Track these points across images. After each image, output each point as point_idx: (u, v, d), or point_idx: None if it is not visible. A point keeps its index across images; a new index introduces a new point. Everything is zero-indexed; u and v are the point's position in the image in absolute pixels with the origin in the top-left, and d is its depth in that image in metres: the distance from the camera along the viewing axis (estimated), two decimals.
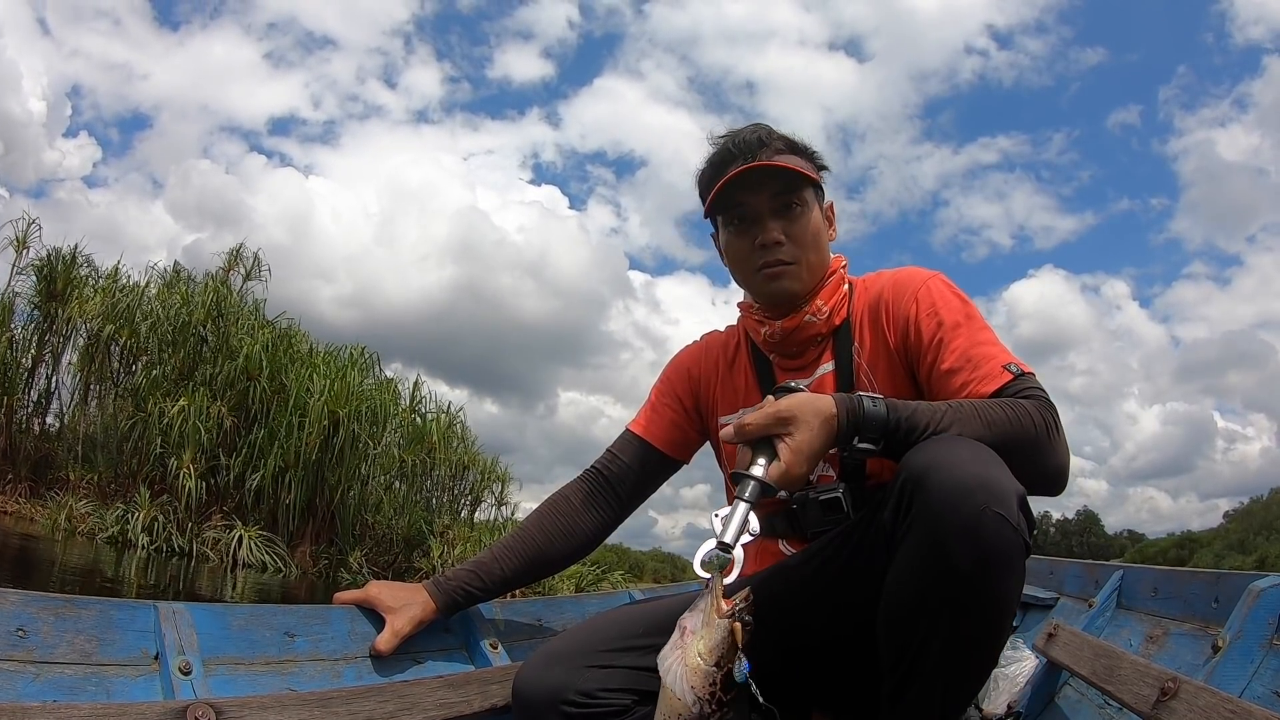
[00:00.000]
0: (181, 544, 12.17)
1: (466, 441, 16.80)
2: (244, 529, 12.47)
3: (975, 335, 1.26)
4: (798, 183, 1.36)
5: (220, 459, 13.23)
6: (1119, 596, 1.88)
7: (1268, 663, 1.24)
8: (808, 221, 1.37)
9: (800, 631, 1.25)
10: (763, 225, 1.36)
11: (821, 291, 1.39)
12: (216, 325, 14.41)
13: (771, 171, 1.35)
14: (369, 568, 13.55)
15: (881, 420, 1.10)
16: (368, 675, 1.34)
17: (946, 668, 1.02)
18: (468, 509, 16.70)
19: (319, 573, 13.07)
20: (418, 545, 14.51)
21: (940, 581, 0.98)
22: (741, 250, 1.39)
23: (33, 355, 13.96)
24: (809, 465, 1.08)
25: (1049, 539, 73.47)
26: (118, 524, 11.96)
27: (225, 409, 13.40)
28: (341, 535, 13.76)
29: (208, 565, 11.94)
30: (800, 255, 1.36)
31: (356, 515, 14.09)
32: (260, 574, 11.91)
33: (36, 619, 1.09)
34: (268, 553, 12.49)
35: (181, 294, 14.59)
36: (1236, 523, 50.59)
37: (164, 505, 12.39)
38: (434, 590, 1.41)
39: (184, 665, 1.15)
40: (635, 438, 1.51)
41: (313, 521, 13.63)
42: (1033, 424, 1.13)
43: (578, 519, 1.47)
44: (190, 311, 14.20)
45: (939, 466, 1.01)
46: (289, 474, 13.26)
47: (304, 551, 13.34)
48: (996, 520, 0.96)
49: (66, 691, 1.07)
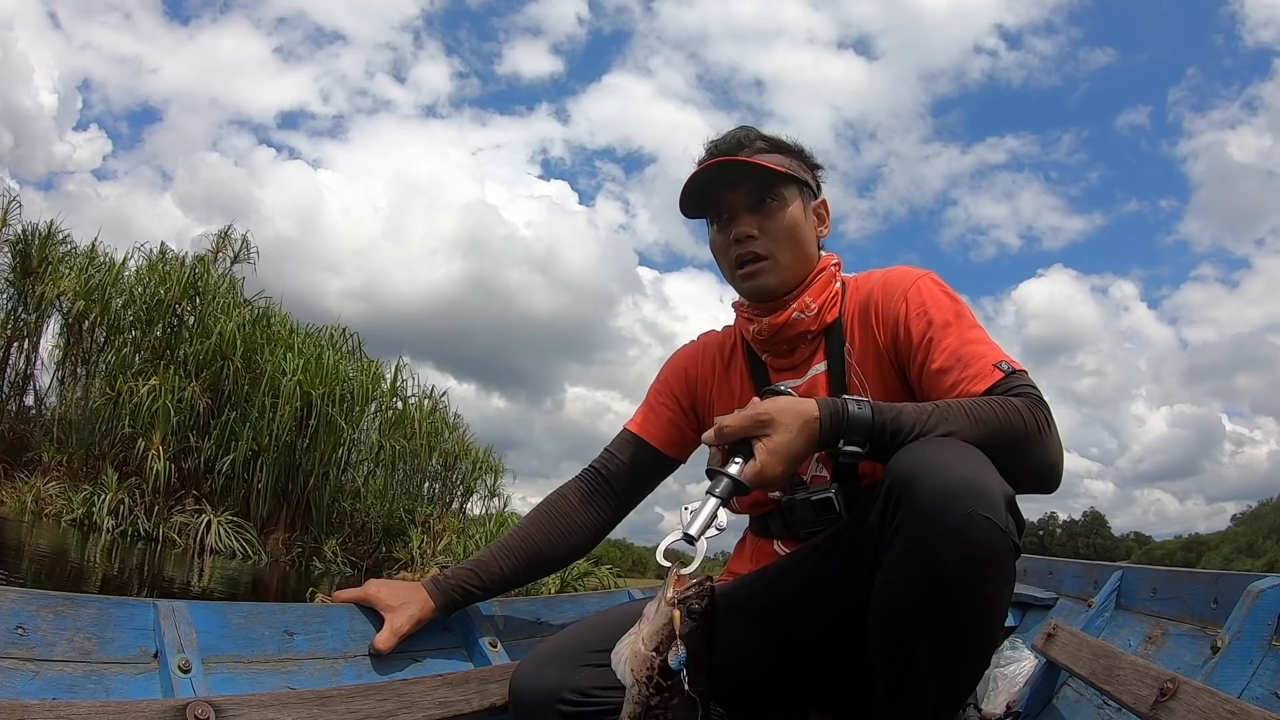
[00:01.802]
0: (148, 528, 12.15)
1: (458, 431, 16.83)
2: (213, 514, 12.45)
3: (965, 334, 1.29)
4: (772, 179, 1.41)
5: (191, 441, 13.18)
6: (1118, 597, 1.91)
7: (1267, 663, 1.25)
8: (784, 217, 1.41)
9: (795, 632, 1.29)
10: (738, 221, 1.41)
11: (810, 289, 1.42)
12: (194, 304, 14.33)
13: (745, 169, 1.39)
14: (345, 557, 13.54)
15: (866, 423, 1.12)
16: (367, 674, 1.37)
17: (938, 669, 1.05)
18: (459, 500, 16.73)
19: (292, 561, 13.07)
20: (399, 535, 14.48)
21: (928, 586, 1.01)
22: (721, 247, 1.45)
23: (8, 334, 13.90)
24: (785, 467, 1.11)
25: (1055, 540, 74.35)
26: (83, 506, 11.93)
27: (199, 390, 13.36)
28: (316, 523, 13.73)
29: (174, 551, 11.93)
30: (774, 250, 1.40)
31: (333, 502, 14.05)
32: (229, 561, 11.90)
33: (36, 617, 1.12)
34: (237, 539, 12.47)
35: (159, 272, 14.48)
36: (1245, 526, 51.05)
37: (132, 488, 12.36)
38: (433, 589, 1.46)
39: (183, 663, 1.18)
40: (633, 437, 1.55)
41: (287, 508, 13.61)
42: (1023, 421, 1.15)
43: (576, 518, 1.51)
44: (167, 290, 14.11)
45: (925, 469, 1.03)
46: (261, 458, 13.21)
47: (277, 539, 13.33)
48: (984, 523, 0.99)
49: (66, 689, 1.09)
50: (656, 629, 1.01)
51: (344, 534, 14.04)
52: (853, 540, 1.19)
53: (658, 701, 1.00)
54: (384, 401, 15.49)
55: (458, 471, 16.65)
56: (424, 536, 14.24)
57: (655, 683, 1.00)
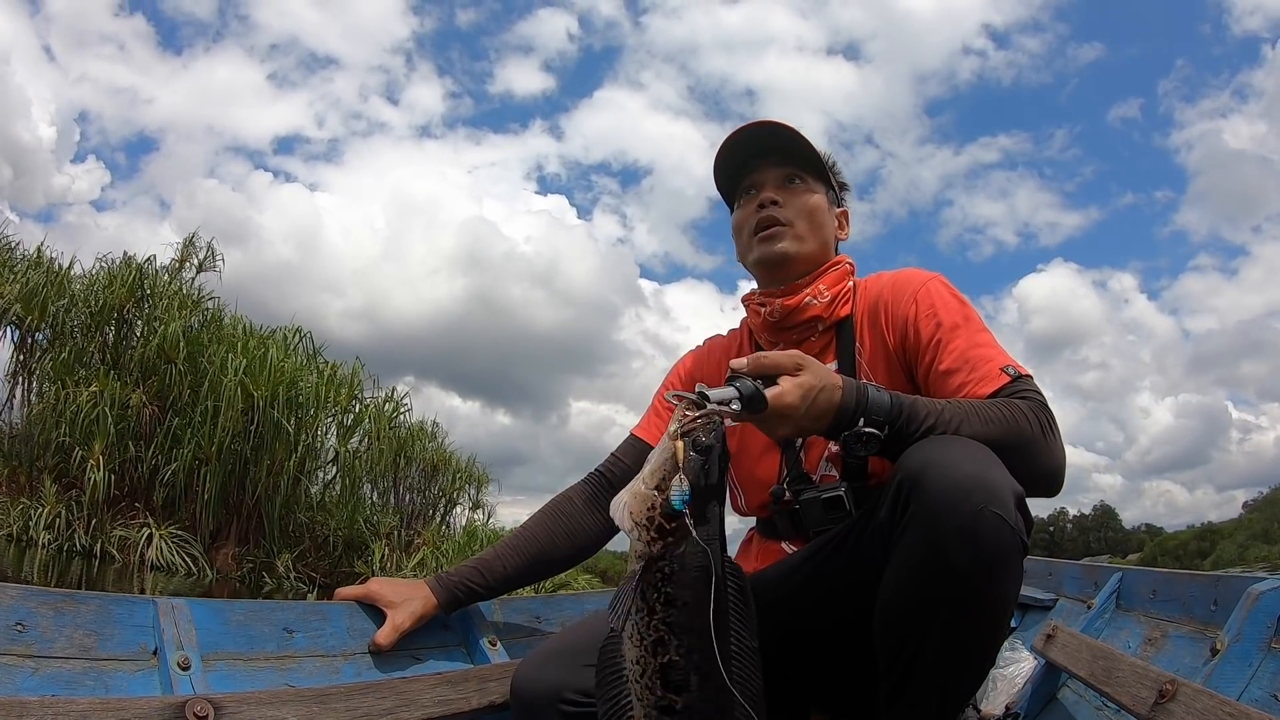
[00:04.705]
0: (86, 543, 11.96)
1: (438, 440, 16.69)
2: (155, 527, 12.26)
3: (974, 337, 1.38)
4: (803, 160, 1.54)
5: (131, 449, 12.96)
6: (1118, 598, 1.98)
7: (1266, 665, 1.30)
8: (809, 199, 1.54)
9: (799, 629, 1.34)
10: (764, 191, 1.54)
11: (824, 277, 1.52)
12: (141, 308, 14.13)
13: (776, 136, 1.53)
14: (299, 573, 13.35)
15: (885, 406, 1.19)
16: (366, 672, 1.43)
17: (943, 667, 1.10)
18: (442, 513, 16.57)
19: (242, 577, 12.83)
20: (361, 548, 14.25)
21: (937, 581, 1.06)
22: (743, 218, 1.57)
23: None
24: (802, 404, 1.13)
25: (1066, 536, 75.14)
26: (20, 520, 11.73)
27: (147, 396, 13.16)
28: (268, 536, 13.55)
29: (113, 566, 11.75)
30: (795, 221, 1.52)
31: (287, 513, 13.85)
32: (171, 578, 11.73)
33: (36, 614, 1.17)
34: (181, 554, 12.28)
35: (105, 276, 14.26)
36: (1259, 513, 51.21)
37: (70, 501, 12.17)
38: (436, 586, 1.53)
39: (183, 660, 1.24)
40: (638, 440, 1.64)
41: (237, 520, 13.41)
42: (1028, 424, 1.23)
43: (581, 520, 1.59)
44: (112, 293, 13.89)
45: (936, 465, 1.09)
46: (207, 467, 13.02)
47: (226, 553, 13.12)
48: (994, 520, 1.04)
49: (65, 686, 1.15)
50: (658, 465, 0.96)
51: (303, 547, 13.83)
52: (860, 537, 1.25)
53: (660, 549, 0.95)
54: (341, 404, 15.21)
55: (438, 483, 16.50)
56: (386, 549, 14.07)
57: (657, 525, 0.95)
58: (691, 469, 0.95)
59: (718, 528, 0.99)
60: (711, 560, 0.95)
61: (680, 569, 0.95)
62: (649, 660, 0.96)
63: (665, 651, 0.95)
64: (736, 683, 0.95)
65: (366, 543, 14.28)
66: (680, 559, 0.95)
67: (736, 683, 0.95)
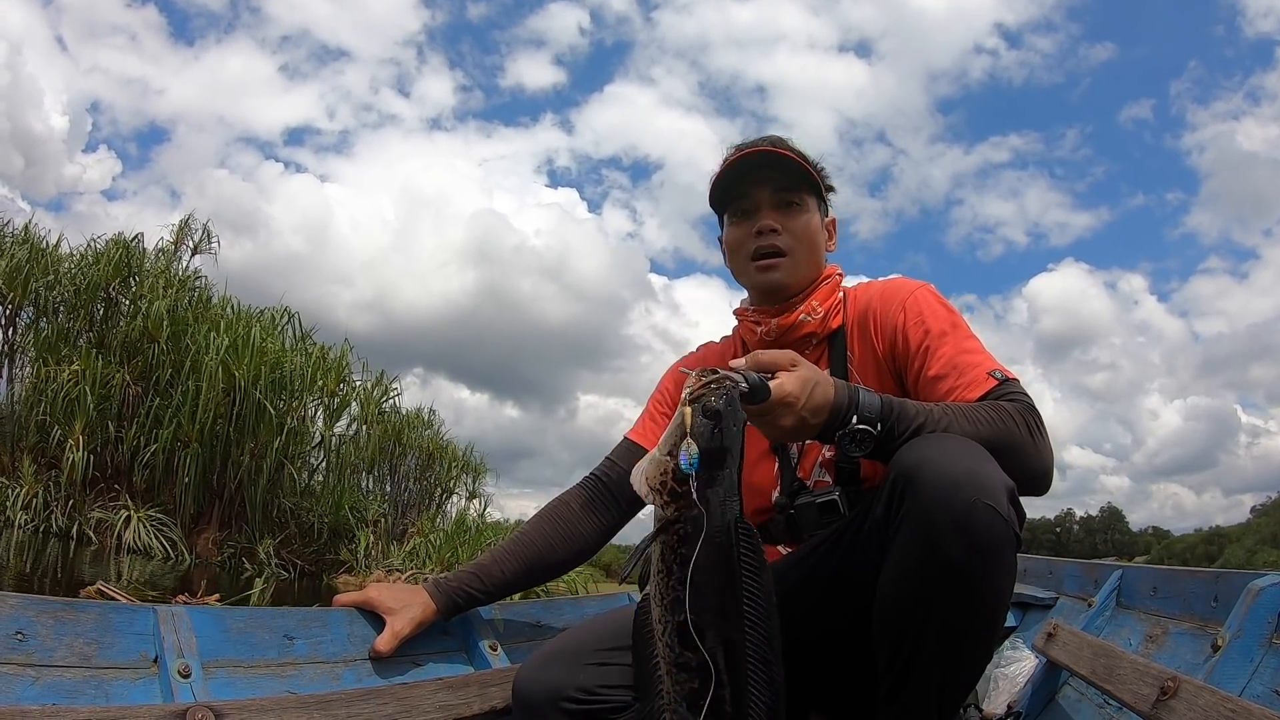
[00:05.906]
0: (63, 524, 11.95)
1: (434, 427, 16.65)
2: (133, 510, 12.25)
3: (961, 343, 1.43)
4: (799, 181, 1.57)
5: (111, 430, 12.91)
6: (1118, 596, 2.02)
7: (1267, 661, 1.33)
8: (806, 221, 1.58)
9: (796, 631, 1.35)
10: (761, 215, 1.56)
11: (816, 293, 1.57)
12: (128, 286, 14.05)
13: (775, 161, 1.55)
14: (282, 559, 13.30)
15: (877, 406, 1.24)
16: (367, 678, 1.46)
17: (942, 662, 1.14)
18: (438, 501, 16.55)
19: (223, 563, 12.83)
20: (347, 535, 14.19)
21: (933, 575, 1.10)
22: (739, 239, 1.60)
23: None
24: (802, 393, 1.19)
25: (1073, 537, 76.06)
26: None
27: (131, 376, 13.10)
28: (251, 520, 13.54)
29: (89, 549, 11.74)
30: (794, 248, 1.56)
31: (271, 498, 13.83)
32: (148, 562, 11.72)
33: (36, 622, 1.19)
34: (158, 537, 12.27)
35: (92, 254, 14.18)
36: (1267, 517, 52.21)
37: (49, 481, 12.14)
38: (434, 592, 1.55)
39: (183, 668, 1.26)
40: (633, 444, 1.68)
41: (219, 504, 13.41)
42: (1016, 426, 1.28)
43: (578, 524, 1.62)
44: (98, 271, 13.82)
45: (929, 462, 1.14)
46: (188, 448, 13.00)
47: (207, 538, 13.11)
48: (987, 512, 1.09)
49: (65, 695, 1.16)
50: (671, 430, 1.03)
51: (286, 533, 13.78)
52: (854, 539, 1.29)
53: (673, 512, 1.01)
54: (329, 388, 15.09)
55: (433, 471, 16.48)
56: (373, 537, 14.07)
57: (670, 488, 1.01)
58: (701, 434, 1.00)
59: (729, 488, 1.03)
60: (707, 521, 1.00)
61: (695, 530, 1.01)
62: (668, 619, 1.04)
63: (681, 610, 1.02)
64: (749, 641, 1.01)
65: (353, 530, 14.26)
66: (695, 521, 1.01)
67: (749, 641, 1.01)
